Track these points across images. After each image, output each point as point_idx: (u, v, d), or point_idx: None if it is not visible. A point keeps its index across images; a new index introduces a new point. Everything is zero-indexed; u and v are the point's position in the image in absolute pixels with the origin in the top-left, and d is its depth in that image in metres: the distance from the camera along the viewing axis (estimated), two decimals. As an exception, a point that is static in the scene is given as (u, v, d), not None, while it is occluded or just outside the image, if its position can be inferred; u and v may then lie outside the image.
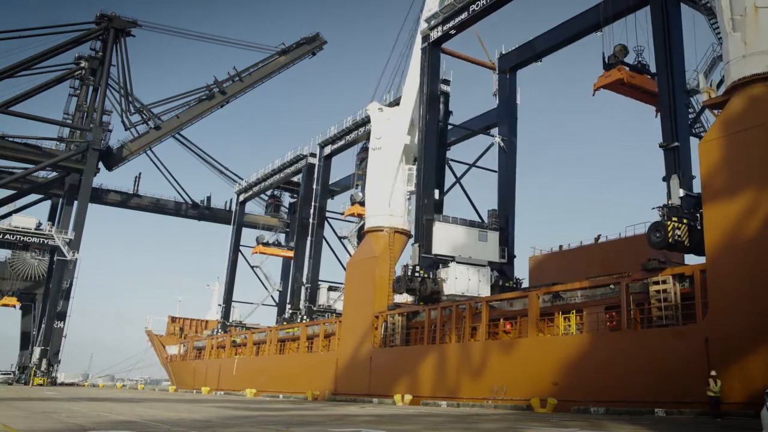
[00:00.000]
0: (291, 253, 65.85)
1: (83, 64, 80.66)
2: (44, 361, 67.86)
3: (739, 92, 25.08)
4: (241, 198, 77.70)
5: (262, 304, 75.09)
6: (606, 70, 33.81)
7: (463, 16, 41.38)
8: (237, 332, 66.20)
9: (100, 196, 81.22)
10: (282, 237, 74.66)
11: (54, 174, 78.73)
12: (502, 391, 30.36)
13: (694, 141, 30.35)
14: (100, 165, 77.87)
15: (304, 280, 57.88)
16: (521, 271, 45.96)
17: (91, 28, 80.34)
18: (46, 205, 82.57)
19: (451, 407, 31.07)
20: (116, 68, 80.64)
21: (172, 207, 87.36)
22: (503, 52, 45.74)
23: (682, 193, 27.58)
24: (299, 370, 48.91)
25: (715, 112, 27.18)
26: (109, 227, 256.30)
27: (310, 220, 58.96)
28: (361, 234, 53.70)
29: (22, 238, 70.60)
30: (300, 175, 66.02)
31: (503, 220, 43.10)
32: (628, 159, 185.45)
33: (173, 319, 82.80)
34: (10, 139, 73.29)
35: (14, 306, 74.55)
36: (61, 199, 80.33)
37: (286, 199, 78.43)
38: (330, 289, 59.39)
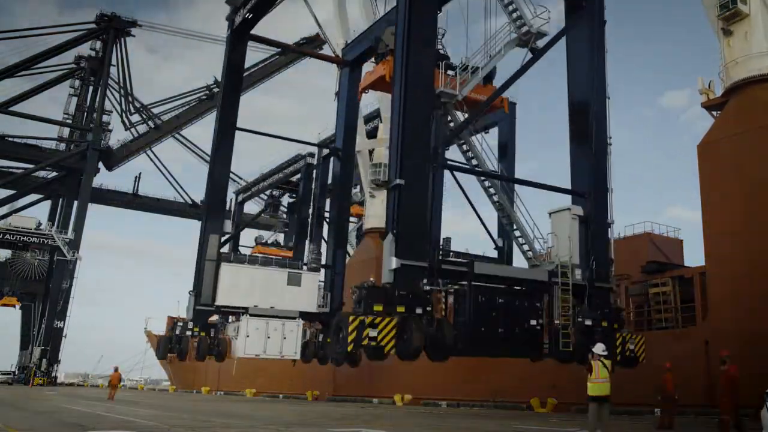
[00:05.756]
0: (290, 253, 65.82)
1: (83, 64, 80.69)
2: (44, 361, 67.89)
3: (738, 94, 25.13)
4: (240, 198, 77.74)
5: (262, 305, 74.92)
6: (376, 64, 26.02)
7: None
8: (237, 332, 66.15)
9: (100, 196, 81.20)
10: (281, 237, 74.65)
11: (54, 174, 78.77)
12: (502, 392, 30.38)
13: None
14: (100, 165, 77.91)
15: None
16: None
17: (91, 28, 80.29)
18: (46, 205, 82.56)
19: (451, 407, 31.10)
20: (116, 68, 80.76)
21: (171, 207, 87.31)
22: (348, 42, 39.04)
23: None
24: (299, 370, 48.85)
25: (714, 113, 27.18)
26: (109, 227, 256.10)
27: (309, 221, 58.90)
28: (360, 235, 53.71)
29: (22, 238, 70.48)
30: (299, 176, 66.01)
31: (329, 254, 36.11)
32: (629, 159, 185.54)
33: (173, 320, 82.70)
34: (10, 139, 73.31)
35: (14, 306, 74.54)
36: (61, 199, 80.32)
37: (285, 199, 78.44)
38: (330, 289, 59.17)
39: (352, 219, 60.45)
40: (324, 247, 53.18)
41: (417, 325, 17.63)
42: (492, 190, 24.29)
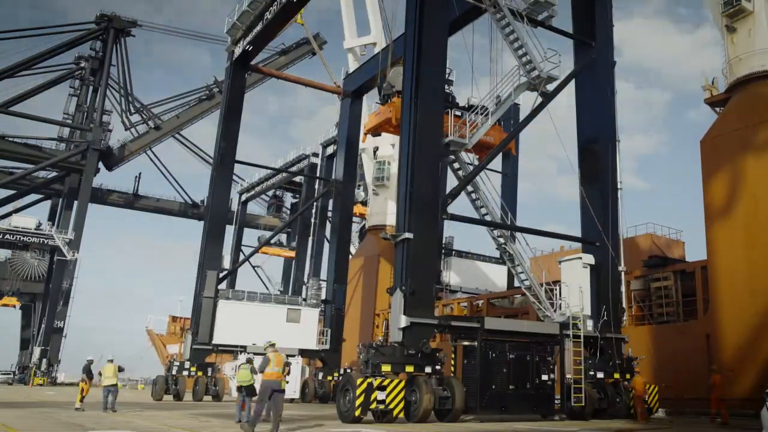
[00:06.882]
0: (293, 253, 65.80)
1: (83, 64, 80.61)
2: (44, 361, 67.77)
3: (741, 90, 25.05)
4: (243, 198, 77.65)
5: (263, 304, 74.79)
6: (382, 104, 25.54)
7: (258, 27, 33.58)
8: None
9: (100, 196, 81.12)
10: (284, 237, 74.60)
11: (54, 174, 78.69)
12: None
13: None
14: (100, 165, 77.82)
15: (306, 280, 57.81)
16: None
17: (91, 28, 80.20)
18: (46, 205, 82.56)
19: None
20: (116, 68, 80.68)
21: (172, 207, 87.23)
22: (348, 72, 39.57)
23: None
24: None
25: (717, 109, 27.08)
26: (109, 227, 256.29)
27: (312, 220, 58.85)
28: (363, 233, 53.62)
29: (22, 238, 70.45)
30: (301, 177, 65.95)
31: (329, 291, 35.15)
32: (627, 162, 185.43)
33: (174, 319, 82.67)
34: (10, 139, 73.20)
35: (14, 306, 74.47)
36: (61, 200, 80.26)
37: (288, 199, 78.37)
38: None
39: (354, 219, 60.45)
40: (326, 246, 53.22)
41: (426, 385, 17.06)
42: (501, 240, 23.47)
